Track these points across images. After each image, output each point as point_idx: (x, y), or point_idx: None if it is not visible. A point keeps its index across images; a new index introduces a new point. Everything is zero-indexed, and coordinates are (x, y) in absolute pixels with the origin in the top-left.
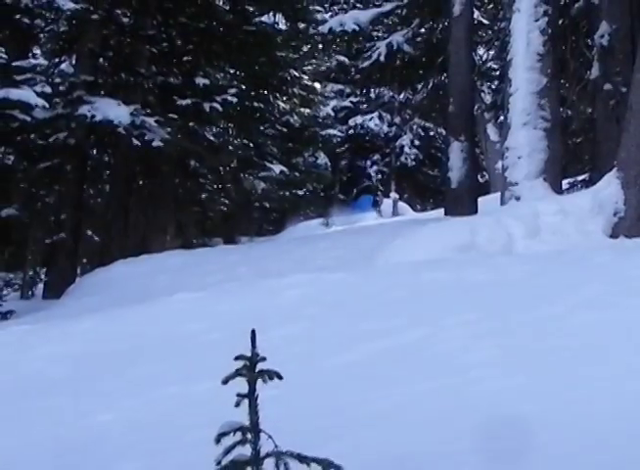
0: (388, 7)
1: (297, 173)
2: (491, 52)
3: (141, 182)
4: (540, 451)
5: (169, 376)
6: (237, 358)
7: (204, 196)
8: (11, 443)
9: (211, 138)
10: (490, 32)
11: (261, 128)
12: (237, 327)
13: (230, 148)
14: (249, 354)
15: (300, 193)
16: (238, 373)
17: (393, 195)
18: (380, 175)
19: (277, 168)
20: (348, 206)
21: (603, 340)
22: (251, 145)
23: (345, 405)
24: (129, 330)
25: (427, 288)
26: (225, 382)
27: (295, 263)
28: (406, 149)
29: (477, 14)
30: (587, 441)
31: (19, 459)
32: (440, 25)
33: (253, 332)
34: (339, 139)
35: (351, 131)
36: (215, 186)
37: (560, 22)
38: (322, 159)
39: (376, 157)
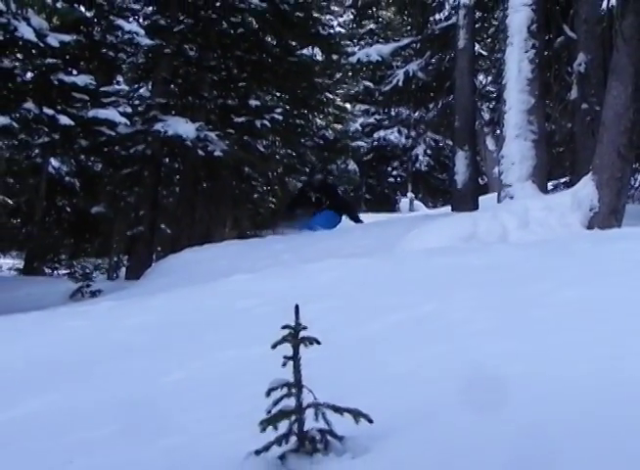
0: (405, 41)
1: (331, 177)
2: (489, 78)
3: (205, 185)
4: (528, 400)
5: (228, 342)
6: (283, 328)
7: (255, 196)
8: (95, 396)
9: (262, 149)
10: (489, 62)
11: (302, 141)
12: (282, 303)
13: (277, 157)
14: (293, 324)
15: None
16: (284, 340)
17: (410, 195)
18: (398, 179)
19: None
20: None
21: (582, 312)
22: (294, 154)
23: (371, 366)
24: (196, 305)
25: (437, 270)
26: (274, 347)
27: (329, 251)
28: (420, 157)
29: (477, 47)
30: (566, 393)
31: (99, 410)
32: (448, 56)
33: (297, 306)
34: (365, 149)
35: (375, 143)
36: (265, 188)
37: (545, 53)
38: (352, 165)
39: (395, 163)
